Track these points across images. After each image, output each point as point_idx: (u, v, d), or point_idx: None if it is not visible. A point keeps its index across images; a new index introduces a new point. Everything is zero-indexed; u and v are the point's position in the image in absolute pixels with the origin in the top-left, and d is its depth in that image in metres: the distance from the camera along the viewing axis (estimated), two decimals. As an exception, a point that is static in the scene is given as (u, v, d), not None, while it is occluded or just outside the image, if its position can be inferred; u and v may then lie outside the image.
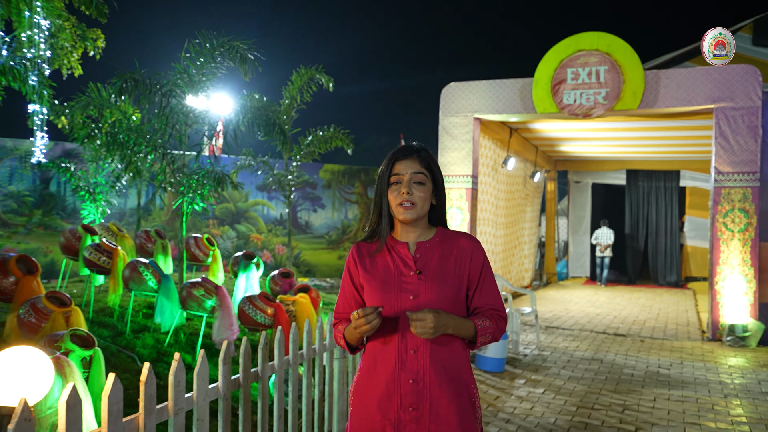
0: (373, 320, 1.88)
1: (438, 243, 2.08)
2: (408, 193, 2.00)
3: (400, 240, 2.09)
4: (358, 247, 2.14)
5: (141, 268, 5.09)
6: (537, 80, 8.91)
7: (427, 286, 2.00)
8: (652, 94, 8.47)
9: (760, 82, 8.18)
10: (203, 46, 5.78)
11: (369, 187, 14.38)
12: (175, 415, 2.31)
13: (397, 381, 1.98)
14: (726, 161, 8.18)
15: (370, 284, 2.05)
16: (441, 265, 2.04)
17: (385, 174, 2.05)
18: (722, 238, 8.17)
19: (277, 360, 3.16)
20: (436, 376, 1.97)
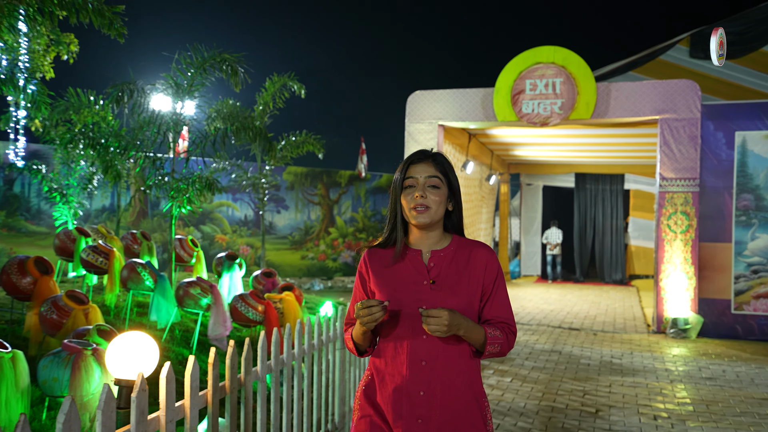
0: (376, 312, 1.84)
1: (453, 252, 2.04)
2: (422, 197, 1.96)
3: (414, 247, 2.05)
4: (370, 253, 2.10)
5: (139, 268, 5.36)
6: (498, 90, 9.47)
7: (440, 296, 1.96)
8: (603, 105, 9.13)
9: (699, 96, 8.94)
10: (194, 58, 6.07)
11: (331, 189, 14.75)
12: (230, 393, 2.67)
13: (406, 391, 1.94)
14: (669, 168, 8.91)
15: (382, 291, 2.01)
16: (455, 275, 2.01)
17: (400, 179, 2.01)
18: (666, 238, 8.89)
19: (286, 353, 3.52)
20: (446, 389, 1.93)
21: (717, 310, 8.76)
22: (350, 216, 14.97)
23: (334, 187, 14.78)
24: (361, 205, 15.08)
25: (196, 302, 5.35)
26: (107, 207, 12.40)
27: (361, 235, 15.01)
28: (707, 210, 8.84)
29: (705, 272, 8.84)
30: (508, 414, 5.06)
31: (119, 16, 4.14)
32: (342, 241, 14.80)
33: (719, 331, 8.70)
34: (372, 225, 15.15)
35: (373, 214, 15.21)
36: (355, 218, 14.99)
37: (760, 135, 8.71)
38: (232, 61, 6.01)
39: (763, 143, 8.69)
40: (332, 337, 4.16)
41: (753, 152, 8.72)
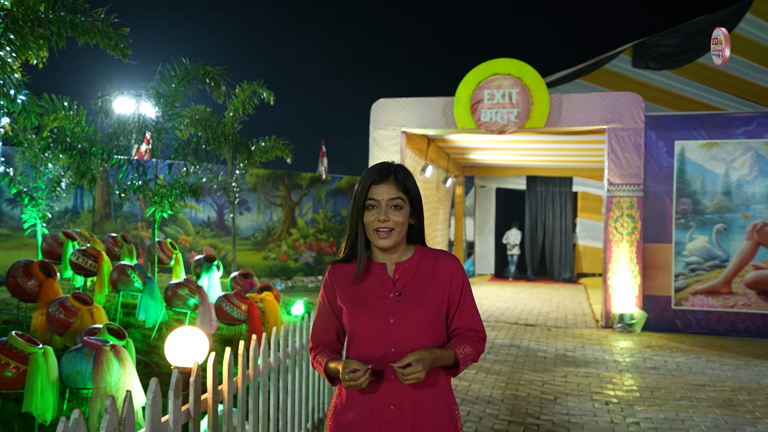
0: (360, 378, 1.82)
1: (417, 262, 2.04)
2: (385, 220, 1.94)
3: (378, 261, 2.04)
4: (334, 269, 2.08)
5: (128, 270, 5.63)
6: (458, 99, 9.99)
7: (407, 307, 1.96)
8: (556, 114, 9.76)
9: (643, 107, 9.66)
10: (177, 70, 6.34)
11: (292, 191, 15.05)
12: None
13: (377, 407, 1.94)
14: (616, 174, 9.60)
15: (348, 307, 2.00)
16: (421, 286, 2.00)
17: (361, 197, 1.98)
18: (614, 240, 9.58)
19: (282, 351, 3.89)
20: (416, 401, 1.94)
21: (659, 306, 9.49)
22: (311, 217, 15.29)
23: (295, 189, 15.08)
24: (322, 207, 15.43)
25: (185, 302, 5.65)
26: (70, 209, 12.40)
27: (322, 235, 15.36)
28: (650, 213, 9.56)
29: (648, 271, 9.56)
30: (477, 402, 5.54)
31: (124, 37, 4.41)
32: (303, 241, 15.12)
33: (661, 325, 9.43)
34: (332, 226, 15.51)
35: (333, 215, 15.57)
36: (316, 219, 15.33)
37: (696, 144, 9.48)
38: (215, 74, 6.32)
39: (699, 152, 9.46)
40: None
41: (690, 160, 9.49)
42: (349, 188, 15.81)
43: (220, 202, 13.86)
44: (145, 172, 6.50)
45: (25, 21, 3.79)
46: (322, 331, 2.10)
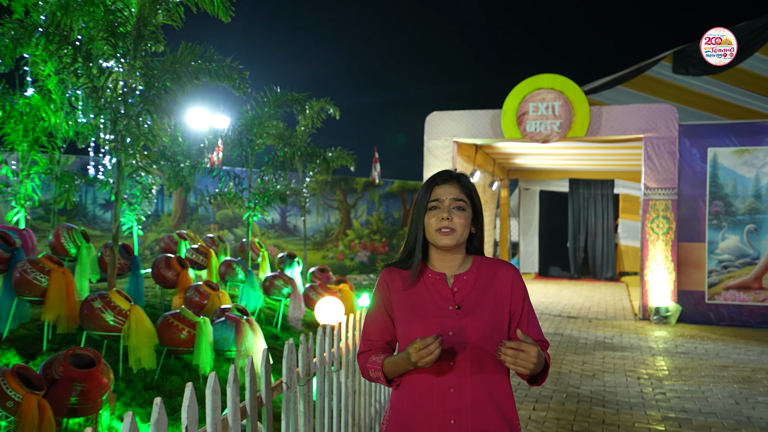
0: (436, 350, 1.76)
1: (476, 274, 2.01)
2: (447, 218, 1.94)
3: (437, 271, 2.02)
4: (390, 272, 2.05)
5: (234, 264, 6.82)
6: (505, 111, 10.96)
7: (466, 321, 1.92)
8: (596, 124, 10.64)
9: (676, 117, 10.46)
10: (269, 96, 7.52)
11: (348, 195, 16.21)
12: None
13: (436, 422, 1.89)
14: (652, 179, 10.43)
15: (404, 315, 1.98)
16: (480, 298, 1.97)
17: (424, 199, 1.99)
18: (650, 239, 10.41)
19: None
20: (476, 415, 1.89)
21: (693, 300, 10.28)
22: (365, 219, 16.43)
23: (350, 193, 16.24)
24: (375, 209, 16.55)
25: (279, 291, 6.80)
26: (151, 213, 13.79)
27: (375, 236, 16.48)
28: (684, 215, 10.36)
29: (683, 268, 10.36)
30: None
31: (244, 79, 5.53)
32: (358, 242, 16.27)
33: (695, 317, 10.22)
34: (385, 227, 16.62)
35: (386, 217, 16.68)
36: (369, 221, 16.46)
37: (728, 151, 10.24)
38: (301, 100, 7.47)
39: (731, 158, 10.23)
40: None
41: (723, 165, 10.26)
42: (401, 192, 16.90)
43: (283, 206, 15.11)
44: (240, 182, 7.69)
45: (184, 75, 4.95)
46: (375, 333, 2.05)
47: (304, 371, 2.92)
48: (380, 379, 1.99)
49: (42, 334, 4.42)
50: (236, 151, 7.65)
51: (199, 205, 14.05)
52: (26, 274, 4.17)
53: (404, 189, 16.95)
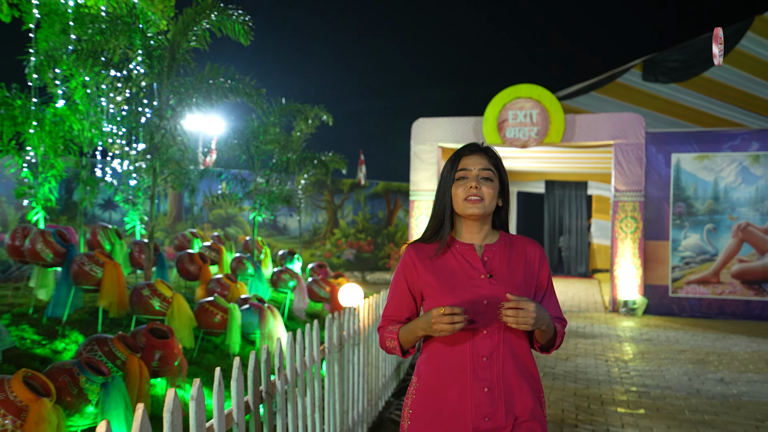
0: (459, 323, 1.78)
1: (504, 247, 2.02)
2: (476, 187, 1.94)
3: (465, 242, 2.01)
4: (416, 248, 2.04)
5: (244, 260, 7.52)
6: (486, 119, 11.78)
7: (499, 290, 1.92)
8: (570, 131, 11.51)
9: (643, 125, 11.37)
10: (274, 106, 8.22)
11: (335, 195, 16.94)
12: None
13: (470, 391, 1.89)
14: (621, 182, 11.32)
15: (435, 287, 1.97)
16: (511, 269, 1.98)
17: (452, 169, 2.00)
18: (619, 238, 11.30)
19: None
20: (508, 384, 1.91)
21: (658, 294, 11.20)
22: (352, 219, 17.17)
23: (337, 193, 16.97)
24: (361, 209, 17.29)
25: (286, 284, 7.52)
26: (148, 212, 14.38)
27: (361, 235, 17.22)
28: (650, 215, 11.27)
29: (649, 264, 11.27)
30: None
31: (262, 95, 6.21)
32: (345, 240, 17.00)
33: (660, 309, 11.14)
34: (370, 227, 17.37)
35: (371, 217, 17.43)
36: (355, 221, 17.20)
37: (690, 156, 11.17)
38: (303, 110, 8.19)
39: (692, 163, 11.16)
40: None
41: (685, 170, 11.18)
42: (385, 192, 17.66)
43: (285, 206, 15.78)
44: (247, 185, 8.39)
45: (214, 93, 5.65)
46: (395, 310, 2.06)
47: (338, 341, 3.66)
48: (396, 349, 2.01)
49: (93, 318, 5.08)
50: (243, 156, 8.34)
51: (194, 204, 14.67)
52: (84, 266, 4.83)
53: (389, 190, 17.71)
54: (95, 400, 2.79)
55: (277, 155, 9.14)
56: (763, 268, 10.71)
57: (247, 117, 8.41)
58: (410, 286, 2.02)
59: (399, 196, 17.70)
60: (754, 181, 10.86)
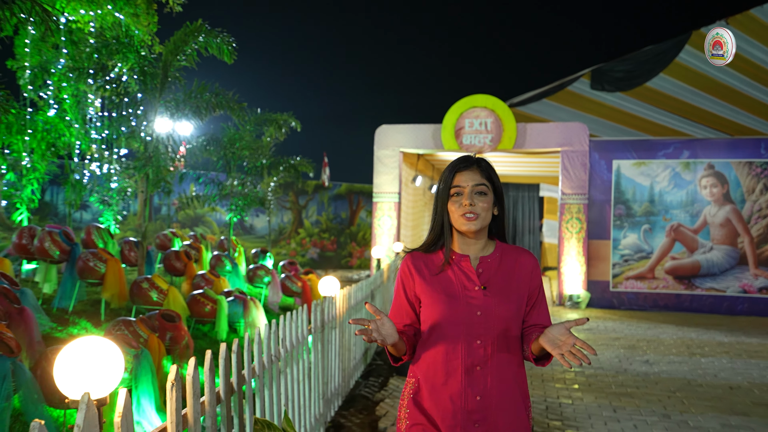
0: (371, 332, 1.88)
1: (499, 257, 2.07)
2: (471, 204, 1.98)
3: (461, 253, 2.07)
4: (413, 258, 2.10)
5: (223, 258, 8.16)
6: (444, 126, 12.62)
7: (493, 301, 1.98)
8: (521, 139, 12.44)
9: (587, 134, 12.37)
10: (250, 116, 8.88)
11: (300, 196, 17.59)
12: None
13: (463, 396, 1.96)
14: (568, 186, 12.31)
15: (432, 297, 2.03)
16: (504, 280, 2.03)
17: (446, 186, 2.04)
18: (565, 237, 12.28)
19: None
20: (500, 392, 1.97)
21: (600, 288, 12.22)
22: (316, 219, 17.85)
23: (302, 194, 17.63)
24: (325, 210, 17.99)
25: (261, 279, 8.19)
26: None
27: (325, 234, 17.92)
28: (593, 216, 12.28)
29: (592, 261, 12.28)
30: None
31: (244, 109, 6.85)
32: (309, 240, 17.67)
33: (601, 303, 12.16)
34: (333, 226, 18.08)
35: (334, 217, 18.14)
36: (319, 221, 17.89)
37: (629, 163, 12.22)
38: (277, 119, 8.86)
39: (631, 169, 12.20)
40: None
41: (625, 175, 12.23)
42: (348, 193, 18.39)
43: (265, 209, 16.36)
44: (224, 187, 9.02)
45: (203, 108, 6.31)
46: (396, 317, 2.12)
47: (320, 323, 4.40)
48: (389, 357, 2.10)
49: (95, 308, 5.69)
50: (221, 161, 8.97)
51: (164, 205, 15.14)
52: (89, 262, 5.44)
53: (351, 191, 18.45)
54: (129, 368, 3.46)
55: (250, 160, 9.79)
56: (692, 264, 11.83)
57: (224, 125, 9.05)
58: (408, 293, 2.10)
59: (361, 197, 18.45)
60: (685, 186, 11.97)
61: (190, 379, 2.08)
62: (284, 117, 11.68)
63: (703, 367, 7.16)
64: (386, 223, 12.82)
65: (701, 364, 7.28)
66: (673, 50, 18.55)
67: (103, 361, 1.52)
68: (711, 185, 11.84)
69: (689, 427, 5.02)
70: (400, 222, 13.11)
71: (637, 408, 5.53)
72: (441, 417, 1.97)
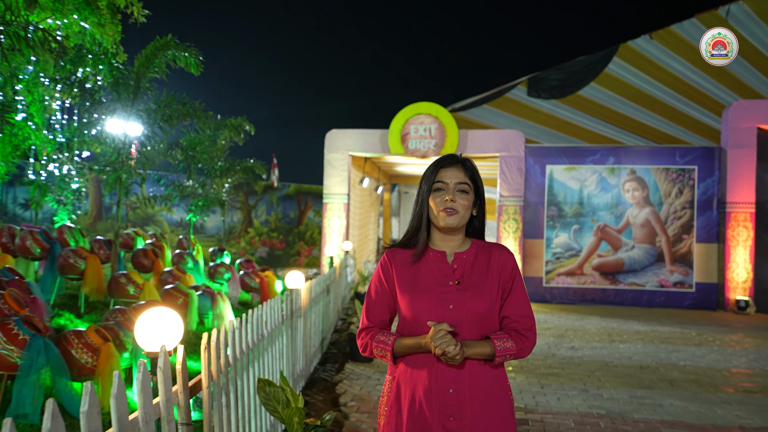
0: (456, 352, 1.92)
1: (474, 254, 2.12)
2: (452, 200, 2.03)
3: (437, 249, 2.12)
4: (392, 253, 2.14)
5: (185, 255, 8.65)
6: (391, 131, 13.35)
7: (465, 296, 2.03)
8: (463, 144, 13.29)
9: (524, 141, 13.34)
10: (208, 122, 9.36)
11: (249, 196, 18.03)
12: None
13: (435, 390, 2.00)
14: (505, 189, 13.24)
15: (406, 291, 2.07)
16: (478, 276, 2.08)
17: (429, 180, 2.09)
18: (503, 236, 13.21)
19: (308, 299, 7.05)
20: (474, 385, 2.00)
21: (534, 284, 13.21)
22: (265, 218, 18.32)
23: (251, 195, 18.07)
24: (274, 210, 18.48)
25: (222, 276, 8.73)
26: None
27: (273, 234, 18.41)
28: (529, 217, 13.26)
29: (527, 259, 13.26)
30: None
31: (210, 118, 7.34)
32: (258, 239, 18.13)
33: (535, 297, 13.14)
34: (282, 226, 18.58)
35: (282, 217, 18.65)
36: (268, 220, 18.37)
37: (561, 168, 13.25)
38: (236, 125, 9.38)
39: (563, 173, 13.24)
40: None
41: (557, 179, 13.25)
42: (297, 194, 18.93)
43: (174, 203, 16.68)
44: (185, 188, 9.48)
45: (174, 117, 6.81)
46: (378, 312, 2.14)
47: (290, 312, 5.05)
48: (386, 357, 2.09)
49: (73, 301, 6.14)
50: (181, 164, 9.43)
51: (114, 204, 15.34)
52: (69, 259, 5.89)
53: (300, 192, 18.99)
54: (130, 348, 4.01)
55: (208, 163, 10.27)
56: (616, 261, 12.96)
57: (184, 129, 9.51)
58: (389, 287, 2.13)
59: (309, 197, 19.02)
60: (610, 189, 13.08)
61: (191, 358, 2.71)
62: (239, 121, 12.17)
63: (620, 351, 8.12)
64: (336, 223, 13.46)
65: (619, 349, 8.25)
66: (602, 61, 19.78)
67: (171, 324, 2.12)
68: (633, 189, 12.98)
69: (603, 398, 5.90)
70: (349, 222, 13.78)
71: (561, 385, 6.37)
72: (417, 411, 2.02)
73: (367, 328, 2.13)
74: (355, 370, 6.63)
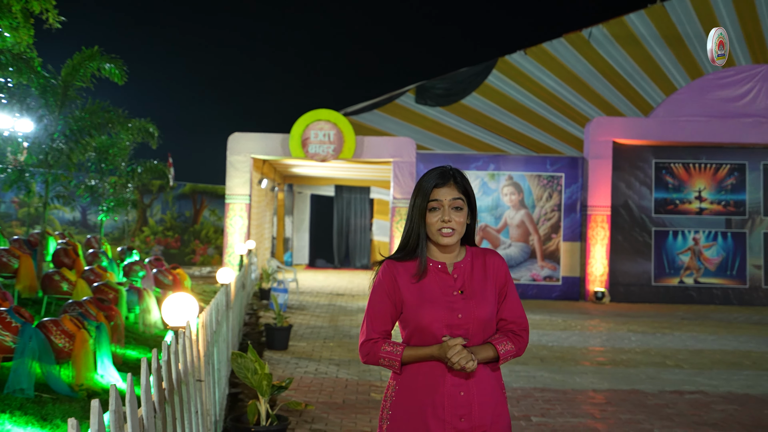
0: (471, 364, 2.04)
1: (471, 262, 2.23)
2: (448, 220, 2.13)
3: (437, 260, 2.22)
4: (392, 265, 2.21)
5: (100, 254, 8.96)
6: (292, 136, 14.06)
7: (471, 303, 2.14)
8: (359, 150, 14.26)
9: (415, 147, 14.50)
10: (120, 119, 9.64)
11: (144, 195, 18.04)
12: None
13: (448, 394, 2.11)
14: (398, 191, 14.35)
15: (415, 302, 2.15)
16: (478, 284, 2.19)
17: (425, 199, 2.17)
18: (396, 236, 14.30)
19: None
20: (481, 388, 2.14)
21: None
22: (160, 217, 18.39)
23: (147, 193, 18.09)
24: (169, 209, 18.59)
25: (136, 273, 9.13)
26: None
27: (169, 232, 18.51)
28: (419, 218, 14.43)
29: (417, 256, 14.42)
30: (314, 327, 9.75)
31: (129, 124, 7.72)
32: (153, 237, 18.18)
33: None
34: (177, 225, 18.72)
35: (178, 216, 18.78)
36: (164, 219, 18.45)
37: (448, 173, 14.54)
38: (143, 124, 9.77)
39: (449, 178, 14.54)
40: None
41: (444, 183, 14.53)
42: (192, 193, 19.10)
43: (84, 204, 16.48)
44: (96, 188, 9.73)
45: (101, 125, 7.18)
46: (381, 323, 2.21)
47: (226, 303, 5.76)
48: (393, 366, 2.16)
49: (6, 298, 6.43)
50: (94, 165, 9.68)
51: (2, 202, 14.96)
52: (2, 258, 6.21)
53: (195, 191, 19.19)
54: (94, 335, 4.56)
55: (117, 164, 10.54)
56: (496, 258, 14.44)
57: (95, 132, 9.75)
58: (392, 298, 2.19)
59: (205, 197, 19.25)
60: (491, 193, 14.55)
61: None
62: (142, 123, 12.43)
63: (500, 335, 9.39)
64: (238, 223, 13.99)
65: (499, 334, 9.52)
66: (483, 73, 21.35)
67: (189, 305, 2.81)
68: (510, 193, 14.52)
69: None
70: (251, 221, 14.35)
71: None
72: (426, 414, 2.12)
73: (372, 339, 2.21)
74: (274, 356, 7.38)
